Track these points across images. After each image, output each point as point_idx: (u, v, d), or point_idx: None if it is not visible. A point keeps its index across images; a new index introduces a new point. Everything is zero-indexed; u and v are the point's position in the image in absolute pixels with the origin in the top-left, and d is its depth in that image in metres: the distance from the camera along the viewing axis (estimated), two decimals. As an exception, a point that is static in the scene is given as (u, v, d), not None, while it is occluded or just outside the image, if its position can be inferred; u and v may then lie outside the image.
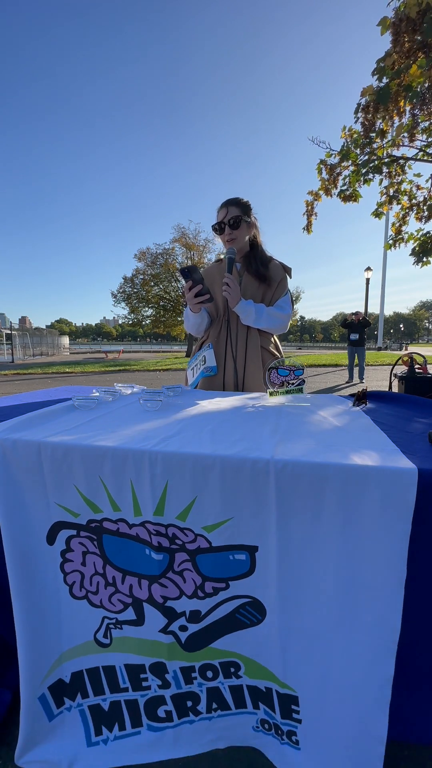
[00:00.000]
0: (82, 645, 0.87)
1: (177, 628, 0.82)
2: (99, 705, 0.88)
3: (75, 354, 28.76)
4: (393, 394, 1.34)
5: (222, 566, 0.78)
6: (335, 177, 6.40)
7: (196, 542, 0.78)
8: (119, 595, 0.84)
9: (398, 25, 4.48)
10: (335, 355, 18.63)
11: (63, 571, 0.85)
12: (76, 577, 0.85)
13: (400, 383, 1.61)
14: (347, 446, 0.79)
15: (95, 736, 0.88)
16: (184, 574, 0.80)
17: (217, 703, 0.85)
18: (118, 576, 0.83)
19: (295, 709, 0.80)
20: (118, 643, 0.86)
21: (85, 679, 0.88)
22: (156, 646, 0.84)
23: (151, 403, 1.13)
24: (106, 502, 0.81)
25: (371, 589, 0.71)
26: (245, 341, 1.53)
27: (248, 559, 0.77)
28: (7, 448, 0.83)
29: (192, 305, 1.45)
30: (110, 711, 0.88)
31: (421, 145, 6.12)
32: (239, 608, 0.79)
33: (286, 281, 1.58)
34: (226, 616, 0.80)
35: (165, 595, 0.81)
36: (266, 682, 0.82)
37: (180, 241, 20.40)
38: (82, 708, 0.89)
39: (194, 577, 0.80)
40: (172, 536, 0.79)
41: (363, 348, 8.46)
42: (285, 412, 1.07)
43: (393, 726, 0.73)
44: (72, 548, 0.84)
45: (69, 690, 0.88)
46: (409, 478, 0.67)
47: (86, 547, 0.84)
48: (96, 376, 10.69)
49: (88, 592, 0.85)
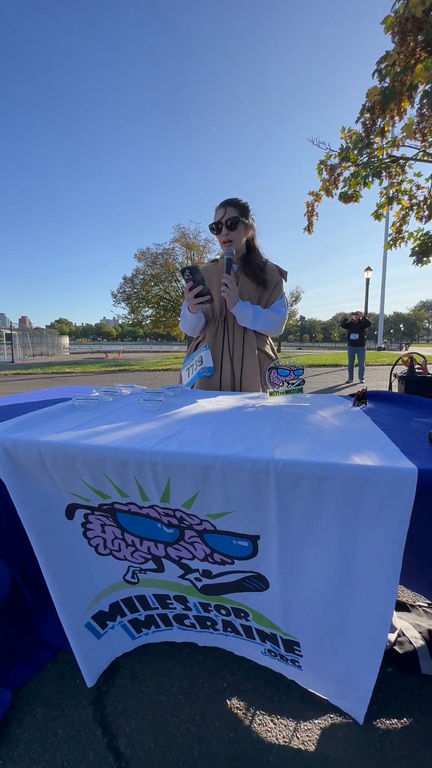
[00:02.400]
0: (114, 584, 1.00)
1: (193, 578, 0.93)
2: (136, 618, 1.06)
3: (75, 354, 28.75)
4: (393, 394, 1.34)
5: (227, 546, 0.84)
6: (336, 177, 6.39)
7: (202, 525, 0.83)
8: (140, 552, 0.93)
9: (403, 23, 4.46)
10: (335, 355, 18.62)
11: (86, 537, 0.93)
12: (99, 541, 0.94)
13: (400, 383, 1.61)
14: (347, 446, 0.79)
15: (137, 634, 1.09)
16: (194, 545, 0.87)
17: (231, 630, 1.01)
18: (136, 540, 0.92)
19: (297, 649, 0.91)
20: (144, 582, 0.99)
21: (121, 606, 1.03)
22: (177, 586, 0.97)
23: (151, 403, 1.13)
24: (113, 491, 0.84)
25: (368, 580, 0.74)
26: (242, 342, 1.53)
27: (251, 546, 0.82)
28: (8, 447, 0.83)
29: (191, 306, 1.45)
30: (146, 620, 1.06)
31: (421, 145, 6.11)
32: (245, 579, 0.88)
33: (281, 285, 1.58)
34: (233, 581, 0.90)
35: (180, 555, 0.90)
36: (271, 629, 0.92)
37: (180, 241, 20.37)
38: (122, 623, 1.06)
39: (204, 548, 0.87)
40: (180, 518, 0.83)
41: (363, 348, 8.46)
42: (285, 412, 1.07)
43: None
44: (90, 521, 0.91)
45: (109, 616, 1.03)
46: (409, 478, 0.67)
47: (103, 521, 0.91)
48: (96, 376, 10.69)
49: (112, 550, 0.95)
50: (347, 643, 0.82)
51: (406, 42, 4.53)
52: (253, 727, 0.92)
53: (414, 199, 6.84)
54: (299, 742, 0.88)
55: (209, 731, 0.91)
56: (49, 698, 1.00)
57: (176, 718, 0.94)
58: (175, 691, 1.01)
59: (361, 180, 6.22)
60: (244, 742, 0.88)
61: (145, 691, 1.01)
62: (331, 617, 0.82)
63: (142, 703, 0.98)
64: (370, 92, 5.15)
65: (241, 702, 0.98)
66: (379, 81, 5.08)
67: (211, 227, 1.54)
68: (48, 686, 1.03)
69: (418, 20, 4.34)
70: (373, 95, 5.11)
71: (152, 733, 0.91)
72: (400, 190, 6.80)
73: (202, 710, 0.96)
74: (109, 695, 1.00)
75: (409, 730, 0.91)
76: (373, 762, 0.84)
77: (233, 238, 1.51)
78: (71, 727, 0.92)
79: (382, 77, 4.96)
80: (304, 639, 0.88)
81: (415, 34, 4.45)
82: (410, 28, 4.44)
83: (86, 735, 0.91)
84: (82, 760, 0.85)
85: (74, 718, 0.94)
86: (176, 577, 0.94)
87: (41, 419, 1.00)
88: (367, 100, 5.30)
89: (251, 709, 0.96)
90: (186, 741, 0.89)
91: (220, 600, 0.95)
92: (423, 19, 4.29)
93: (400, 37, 4.54)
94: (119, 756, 0.86)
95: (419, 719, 0.93)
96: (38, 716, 0.95)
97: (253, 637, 0.98)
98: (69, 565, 0.93)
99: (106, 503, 0.86)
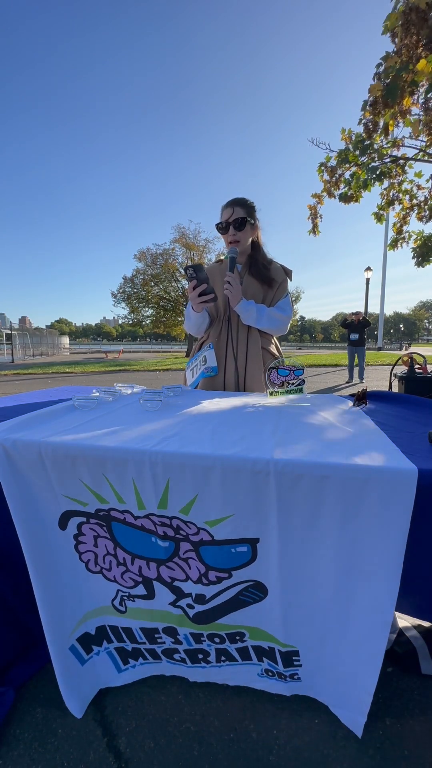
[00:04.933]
0: (102, 607, 0.96)
1: (185, 605, 0.89)
2: (123, 647, 1.00)
3: (75, 354, 28.74)
4: (393, 394, 1.34)
5: (225, 558, 0.82)
6: (337, 179, 6.40)
7: (199, 535, 0.81)
8: (130, 574, 0.90)
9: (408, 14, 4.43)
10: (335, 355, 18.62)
11: (77, 551, 0.91)
12: (90, 557, 0.91)
13: (400, 383, 1.61)
14: (347, 446, 0.79)
15: (123, 666, 1.02)
16: (189, 562, 0.84)
17: (225, 657, 0.96)
18: (128, 558, 0.88)
19: (296, 660, 0.89)
20: (132, 612, 0.94)
21: (108, 631, 0.98)
22: (167, 616, 0.92)
23: (151, 403, 1.13)
24: (111, 495, 0.83)
25: (368, 580, 0.74)
26: (246, 341, 1.53)
27: (250, 551, 0.80)
28: (8, 448, 0.83)
29: (195, 304, 1.45)
30: (133, 651, 1.00)
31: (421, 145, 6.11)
32: (242, 591, 0.85)
33: (286, 283, 1.58)
34: (229, 599, 0.86)
35: (173, 576, 0.87)
36: (269, 643, 0.90)
37: (180, 241, 20.37)
38: (109, 650, 1.01)
39: (198, 566, 0.84)
40: (177, 527, 0.81)
41: (363, 348, 8.46)
42: (285, 412, 1.07)
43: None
44: (83, 533, 0.89)
45: (95, 639, 0.98)
46: (409, 478, 0.67)
47: (97, 532, 0.88)
48: (96, 376, 10.69)
49: (102, 568, 0.92)
50: (348, 644, 0.81)
51: (409, 34, 4.50)
52: (253, 727, 0.92)
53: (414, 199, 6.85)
54: (299, 742, 0.88)
55: (209, 731, 0.91)
56: (49, 698, 0.99)
57: (176, 718, 0.94)
58: (175, 691, 1.01)
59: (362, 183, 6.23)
60: (244, 742, 0.88)
61: (145, 691, 1.01)
62: (331, 618, 0.81)
63: (142, 703, 0.98)
64: (372, 88, 5.14)
65: (241, 702, 0.98)
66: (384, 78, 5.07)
67: (218, 226, 1.53)
68: (48, 686, 1.03)
69: (422, 12, 4.32)
70: (375, 90, 5.10)
71: (152, 733, 0.91)
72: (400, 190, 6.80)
73: (202, 710, 0.96)
74: (109, 695, 1.00)
75: (409, 730, 0.91)
76: (373, 762, 0.84)
77: (240, 238, 1.50)
78: (71, 727, 0.92)
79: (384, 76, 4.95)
80: (304, 644, 0.87)
81: (419, 26, 4.42)
82: (414, 20, 4.41)
83: (86, 735, 0.91)
84: (82, 760, 0.85)
85: (74, 718, 0.94)
86: (167, 604, 0.90)
87: (41, 419, 1.00)
88: (370, 95, 5.29)
89: (251, 709, 0.96)
90: (186, 741, 0.89)
91: (213, 628, 0.90)
92: (427, 10, 4.27)
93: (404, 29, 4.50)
94: (119, 756, 0.86)
95: (419, 719, 0.93)
96: (38, 716, 0.95)
97: (250, 658, 0.94)
98: (58, 579, 0.90)
99: (103, 509, 0.84)
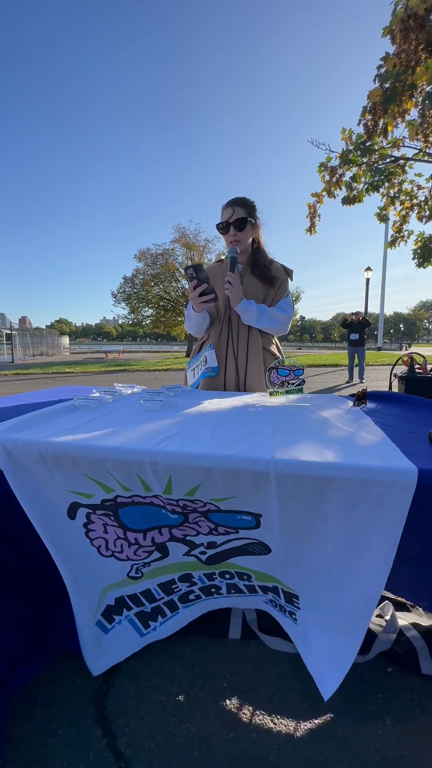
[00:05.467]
0: (118, 581, 1.00)
1: (198, 553, 0.94)
2: (143, 611, 1.05)
3: (75, 354, 28.74)
4: (393, 394, 1.34)
5: (231, 520, 0.85)
6: (338, 179, 6.40)
7: (206, 507, 0.83)
8: (143, 548, 0.93)
9: (406, 21, 4.46)
10: (335, 355, 18.61)
11: (89, 537, 0.93)
12: (101, 542, 0.94)
13: (400, 383, 1.61)
14: (347, 446, 0.79)
15: (144, 630, 1.07)
16: (199, 523, 0.87)
17: (235, 590, 1.03)
18: (139, 536, 0.91)
19: (295, 601, 0.95)
20: (148, 574, 0.98)
21: (127, 600, 1.03)
22: (181, 565, 0.97)
23: (151, 403, 1.13)
24: (116, 485, 0.84)
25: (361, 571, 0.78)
26: (246, 341, 1.53)
27: (254, 520, 0.83)
28: (8, 448, 0.83)
29: (196, 304, 1.45)
30: (152, 612, 1.05)
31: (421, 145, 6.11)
32: (248, 544, 0.89)
33: (287, 283, 1.58)
34: (238, 546, 0.90)
35: (185, 534, 0.90)
36: (273, 582, 0.95)
37: (180, 241, 20.37)
38: (129, 617, 1.05)
39: (208, 524, 0.87)
40: (183, 506, 0.83)
41: (363, 348, 8.45)
42: (285, 412, 1.08)
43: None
44: (92, 521, 0.90)
45: (115, 609, 1.03)
46: (409, 478, 0.67)
47: (105, 521, 0.90)
48: (96, 376, 10.69)
49: (114, 552, 0.94)
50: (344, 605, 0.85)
51: (408, 40, 4.53)
52: (253, 727, 0.92)
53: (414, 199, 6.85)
54: (299, 742, 0.88)
55: (209, 731, 0.91)
56: (49, 698, 1.00)
57: (176, 718, 0.94)
58: (175, 691, 1.01)
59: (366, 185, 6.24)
60: (244, 742, 0.88)
61: (145, 691, 1.01)
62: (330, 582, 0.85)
63: (142, 703, 0.98)
64: (371, 94, 5.15)
65: (241, 702, 0.98)
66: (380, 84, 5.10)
67: (219, 226, 1.53)
68: (48, 686, 1.03)
69: (420, 18, 4.34)
70: (374, 96, 5.11)
71: (152, 733, 0.91)
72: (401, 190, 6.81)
73: (202, 710, 0.96)
74: (109, 695, 1.00)
75: (409, 730, 0.91)
76: (373, 762, 0.84)
77: (240, 238, 1.50)
78: (71, 727, 0.92)
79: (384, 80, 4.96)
80: (304, 595, 0.92)
81: (417, 32, 4.45)
82: (412, 26, 4.44)
83: (86, 735, 0.91)
84: (82, 760, 0.85)
85: (74, 718, 0.94)
86: (181, 555, 0.94)
87: (42, 419, 1.00)
88: (369, 101, 5.31)
89: (251, 709, 0.96)
90: (186, 741, 0.89)
91: (224, 566, 0.96)
92: (425, 16, 4.29)
93: (402, 35, 4.53)
94: (119, 756, 0.86)
95: (419, 719, 0.93)
96: (38, 716, 0.95)
97: (256, 592, 1.02)
98: (77, 563, 0.94)
99: (109, 498, 0.86)
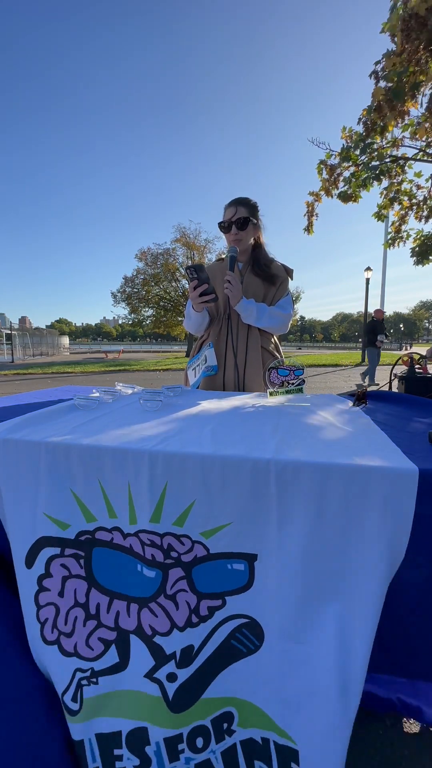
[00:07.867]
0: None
1: (165, 677, 0.73)
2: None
3: (75, 354, 28.75)
4: (393, 394, 1.34)
5: (219, 577, 0.75)
6: (336, 177, 6.40)
7: (192, 551, 0.75)
8: (101, 631, 0.76)
9: (407, 21, 4.46)
10: (335, 355, 18.62)
11: (37, 603, 0.79)
12: (50, 613, 0.78)
13: (400, 383, 1.61)
14: (347, 446, 0.79)
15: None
16: (177, 597, 0.75)
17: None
18: (103, 602, 0.77)
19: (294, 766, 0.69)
20: (89, 708, 0.73)
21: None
22: (138, 702, 0.73)
23: (151, 403, 1.12)
24: (102, 508, 0.79)
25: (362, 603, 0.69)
26: (246, 340, 1.53)
27: (247, 570, 0.74)
28: (8, 448, 0.83)
29: (196, 304, 1.45)
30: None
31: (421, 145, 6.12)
32: (235, 632, 0.74)
33: (287, 282, 1.58)
34: (220, 645, 0.74)
35: (154, 627, 0.75)
36: (263, 731, 0.72)
37: (180, 241, 20.38)
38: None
39: (188, 597, 0.75)
40: (168, 547, 0.76)
41: None
42: (285, 412, 1.07)
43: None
44: (51, 573, 0.79)
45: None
46: (409, 478, 0.67)
47: (69, 570, 0.79)
48: (96, 376, 10.69)
49: (61, 634, 0.77)
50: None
51: (410, 39, 4.52)
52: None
53: (414, 199, 6.86)
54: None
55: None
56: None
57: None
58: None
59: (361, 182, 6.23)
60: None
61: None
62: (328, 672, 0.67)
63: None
64: (375, 92, 5.13)
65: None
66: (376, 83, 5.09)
67: (221, 225, 1.53)
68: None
69: (422, 18, 4.34)
70: (379, 95, 5.09)
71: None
72: (400, 190, 6.81)
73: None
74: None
75: (408, 731, 0.91)
76: (373, 762, 0.84)
77: (242, 238, 1.50)
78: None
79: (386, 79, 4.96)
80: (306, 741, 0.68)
81: (419, 32, 4.45)
82: (414, 26, 4.43)
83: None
84: (82, 760, 0.85)
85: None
86: (142, 677, 0.73)
87: (42, 419, 1.00)
88: (373, 100, 5.28)
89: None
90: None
91: (197, 713, 0.72)
92: (426, 16, 4.29)
93: (404, 35, 4.53)
94: (119, 756, 0.86)
95: (419, 719, 0.93)
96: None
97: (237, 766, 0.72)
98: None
99: (87, 530, 0.78)
